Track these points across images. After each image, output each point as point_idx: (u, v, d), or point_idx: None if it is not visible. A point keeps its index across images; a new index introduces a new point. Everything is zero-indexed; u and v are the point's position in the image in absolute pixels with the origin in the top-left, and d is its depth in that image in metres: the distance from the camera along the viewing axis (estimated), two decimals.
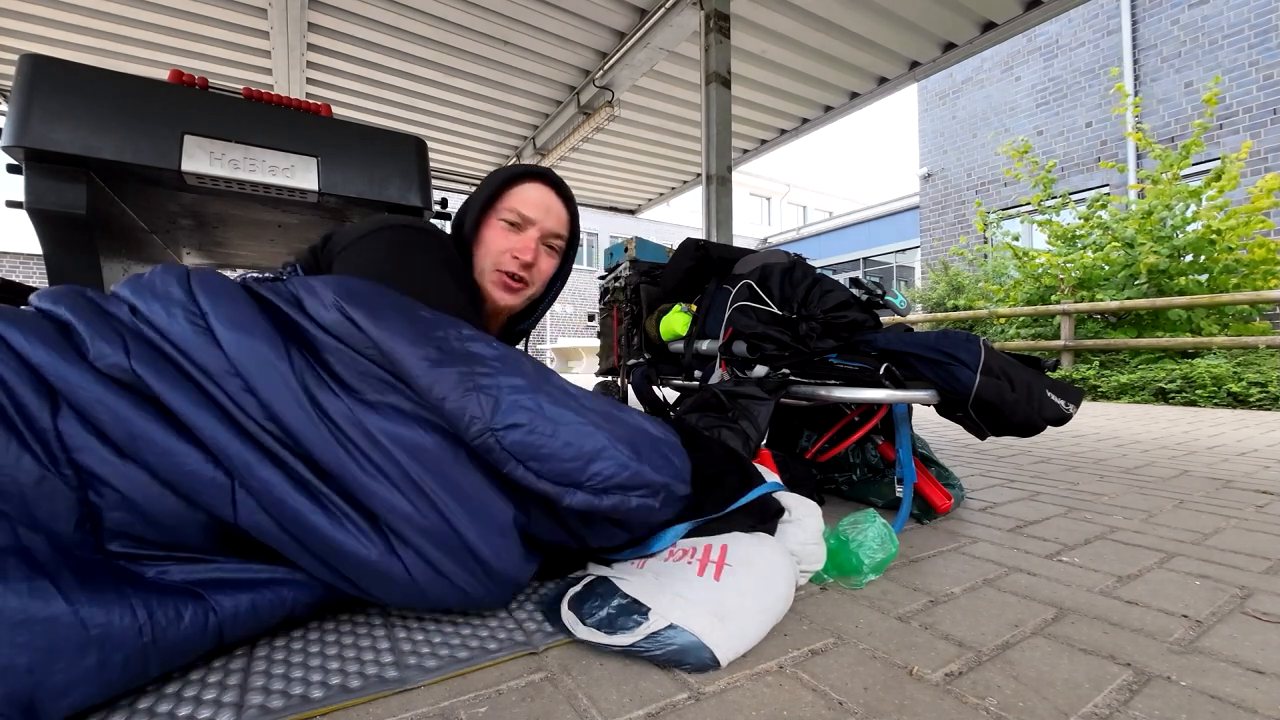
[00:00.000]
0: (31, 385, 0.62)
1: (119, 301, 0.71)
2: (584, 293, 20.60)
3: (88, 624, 0.56)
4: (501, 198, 0.92)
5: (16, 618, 0.53)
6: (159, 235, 2.29)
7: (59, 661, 0.54)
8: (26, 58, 1.47)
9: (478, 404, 0.73)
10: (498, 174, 0.94)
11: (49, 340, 0.64)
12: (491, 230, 0.92)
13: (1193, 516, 1.45)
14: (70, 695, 0.55)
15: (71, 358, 0.64)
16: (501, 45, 3.77)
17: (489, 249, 0.91)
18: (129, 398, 0.65)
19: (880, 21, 3.64)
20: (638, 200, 7.07)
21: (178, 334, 0.67)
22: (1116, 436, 2.99)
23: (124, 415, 0.63)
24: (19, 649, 0.53)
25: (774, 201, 26.05)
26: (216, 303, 0.70)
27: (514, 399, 0.75)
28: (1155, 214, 5.82)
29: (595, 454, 0.76)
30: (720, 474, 1.09)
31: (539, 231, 0.93)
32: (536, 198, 0.93)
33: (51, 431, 0.62)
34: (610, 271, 2.61)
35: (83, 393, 0.63)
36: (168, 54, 3.83)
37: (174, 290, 0.71)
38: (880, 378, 1.34)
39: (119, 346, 0.66)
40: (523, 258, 0.91)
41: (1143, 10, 7.91)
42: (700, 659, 0.71)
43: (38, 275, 12.48)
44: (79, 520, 0.62)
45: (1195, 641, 0.80)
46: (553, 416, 0.75)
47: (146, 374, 0.65)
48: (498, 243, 0.91)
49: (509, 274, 0.91)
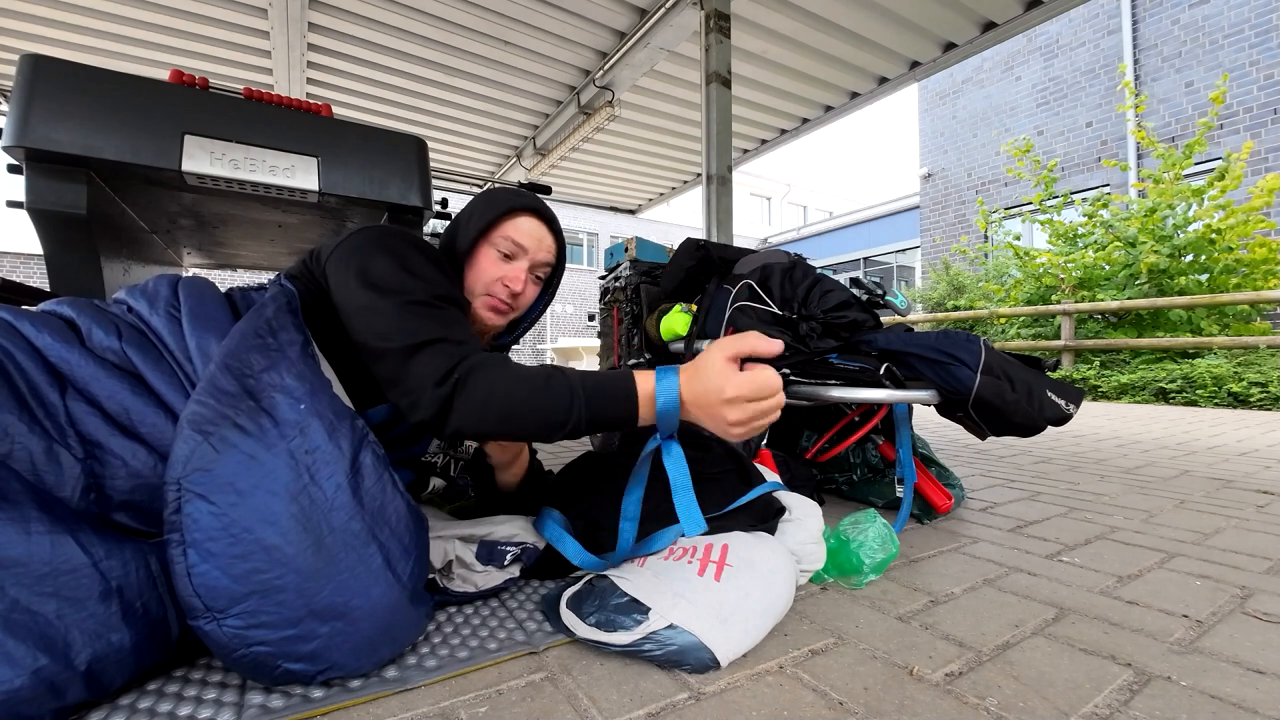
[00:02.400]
0: (41, 367, 0.69)
1: (118, 303, 0.81)
2: (584, 293, 20.59)
3: (107, 575, 0.61)
4: (498, 225, 0.96)
5: (42, 570, 0.57)
6: (159, 235, 2.29)
7: (84, 610, 0.58)
8: (27, 58, 1.47)
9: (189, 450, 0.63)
10: (496, 201, 0.98)
11: (54, 329, 0.71)
12: (485, 256, 0.96)
13: (1193, 516, 1.45)
14: (99, 642, 0.59)
15: (73, 343, 0.71)
16: (502, 45, 3.77)
17: (481, 274, 0.95)
18: (121, 376, 0.72)
19: (880, 21, 3.64)
20: (638, 200, 7.06)
21: (157, 324, 0.77)
22: (1117, 436, 2.99)
23: (117, 391, 0.70)
24: (45, 598, 0.57)
25: (774, 201, 26.04)
26: (188, 299, 0.79)
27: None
28: (1158, 212, 5.82)
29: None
30: (720, 473, 1.09)
31: (529, 262, 0.98)
32: (531, 230, 0.97)
33: (60, 407, 0.67)
34: (610, 271, 2.60)
35: (80, 370, 0.70)
36: (168, 54, 3.83)
37: (162, 290, 0.80)
38: (880, 378, 1.34)
39: (113, 333, 0.74)
40: (513, 287, 0.95)
41: (1143, 10, 7.91)
42: (700, 659, 0.71)
43: (38, 275, 12.48)
44: (85, 489, 0.66)
45: (1196, 641, 0.80)
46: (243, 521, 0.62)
47: (134, 355, 0.73)
48: (490, 270, 0.95)
49: (498, 300, 0.96)
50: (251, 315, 0.74)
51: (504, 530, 0.93)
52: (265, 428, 0.66)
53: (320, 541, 0.64)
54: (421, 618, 0.74)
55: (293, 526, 0.63)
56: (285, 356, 0.72)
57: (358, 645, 0.65)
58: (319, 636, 0.62)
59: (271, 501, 0.63)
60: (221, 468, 0.62)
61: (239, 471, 0.63)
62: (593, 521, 0.96)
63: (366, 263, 0.80)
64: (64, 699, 0.57)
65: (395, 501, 0.72)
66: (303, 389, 0.70)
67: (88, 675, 0.58)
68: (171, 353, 0.75)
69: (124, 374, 0.72)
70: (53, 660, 0.55)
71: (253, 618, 0.60)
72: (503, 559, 0.90)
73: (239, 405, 0.66)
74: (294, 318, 0.78)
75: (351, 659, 0.65)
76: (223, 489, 0.62)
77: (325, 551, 0.64)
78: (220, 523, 0.61)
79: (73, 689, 0.57)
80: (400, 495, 0.73)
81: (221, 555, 0.60)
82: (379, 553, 0.67)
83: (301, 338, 0.76)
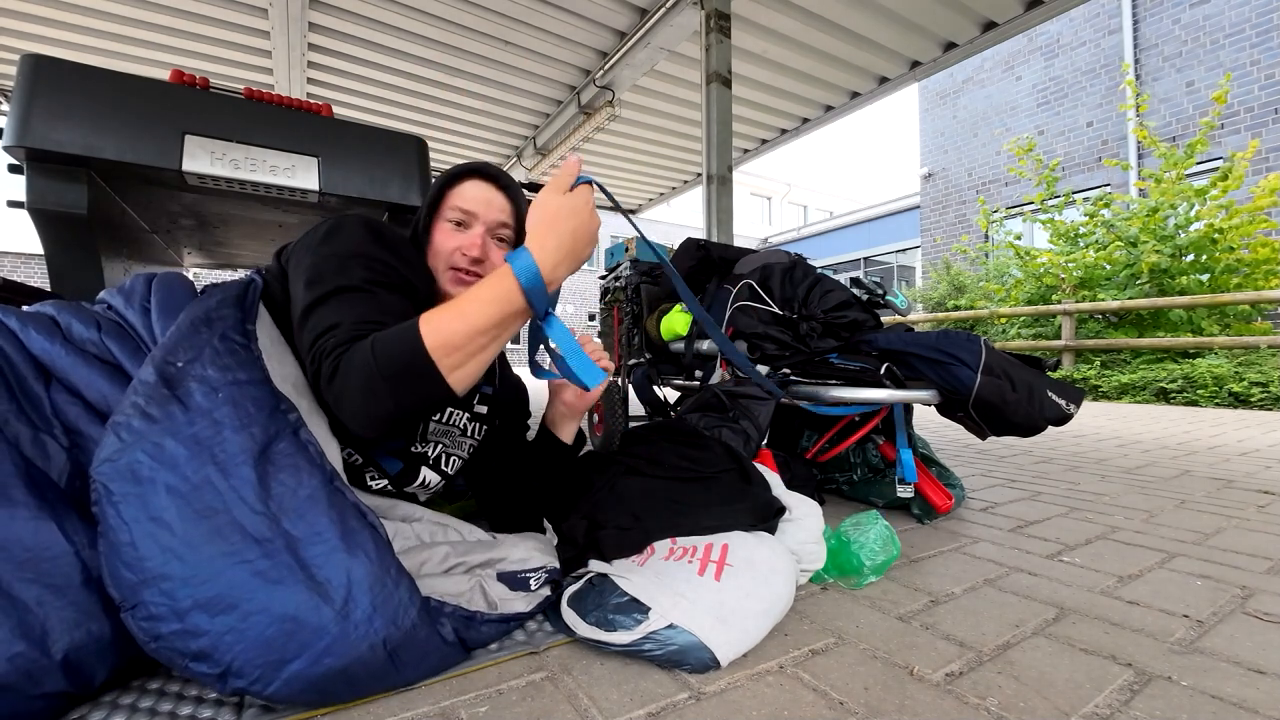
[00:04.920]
0: (27, 361, 0.72)
1: (99, 302, 0.85)
2: (585, 292, 20.58)
3: (89, 564, 0.61)
4: (445, 199, 0.96)
5: (23, 555, 0.58)
6: (160, 235, 2.29)
7: (64, 597, 0.59)
8: (28, 58, 1.47)
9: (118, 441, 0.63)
10: (441, 177, 0.98)
11: (39, 325, 0.75)
12: (440, 232, 0.95)
13: (1194, 516, 1.45)
14: (77, 631, 0.59)
15: (55, 336, 0.75)
16: (502, 45, 3.77)
17: (439, 250, 0.94)
18: (100, 365, 0.74)
19: (881, 21, 3.64)
20: (638, 200, 7.07)
21: (132, 317, 0.81)
22: (1118, 436, 2.98)
23: (96, 379, 0.73)
24: (27, 584, 0.57)
25: (774, 201, 26.04)
26: (158, 291, 0.83)
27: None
28: (1160, 212, 5.81)
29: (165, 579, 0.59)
30: (720, 473, 1.09)
31: (484, 225, 0.96)
32: (475, 193, 0.96)
33: (45, 398, 0.70)
34: (611, 271, 2.61)
35: (61, 361, 0.73)
36: (168, 54, 3.84)
37: (138, 286, 0.84)
38: (881, 378, 1.34)
39: (92, 326, 0.77)
40: (470, 253, 0.93)
41: (1144, 10, 7.90)
42: (700, 659, 0.71)
43: (38, 275, 12.49)
44: (70, 476, 0.67)
45: (1196, 641, 0.80)
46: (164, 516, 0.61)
47: (113, 345, 0.77)
48: (446, 242, 0.94)
49: (462, 270, 0.94)
50: (193, 306, 0.74)
51: (516, 554, 0.87)
52: (173, 414, 0.64)
53: (216, 532, 0.61)
54: (363, 635, 0.63)
55: (184, 514, 0.60)
56: (211, 347, 0.70)
57: (255, 645, 0.59)
58: (206, 633, 0.58)
59: (166, 490, 0.61)
60: (126, 457, 0.62)
61: (140, 460, 0.62)
62: (594, 521, 0.96)
63: (304, 264, 0.81)
64: (42, 686, 0.57)
65: (318, 495, 0.66)
66: (223, 379, 0.68)
67: (65, 664, 0.58)
68: (146, 344, 0.78)
69: (103, 364, 0.75)
70: (29, 647, 0.56)
71: (145, 609, 0.58)
72: (527, 584, 0.84)
73: (152, 394, 0.65)
74: (236, 310, 0.76)
75: (253, 663, 0.59)
76: (123, 478, 0.61)
77: (218, 542, 0.60)
78: (119, 512, 0.60)
79: (50, 678, 0.57)
80: (331, 490, 0.67)
81: (121, 545, 0.59)
82: (283, 547, 0.62)
83: (238, 328, 0.74)
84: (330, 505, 0.66)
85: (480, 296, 0.71)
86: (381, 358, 0.68)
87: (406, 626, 0.65)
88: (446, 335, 0.69)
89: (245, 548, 0.61)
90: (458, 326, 0.69)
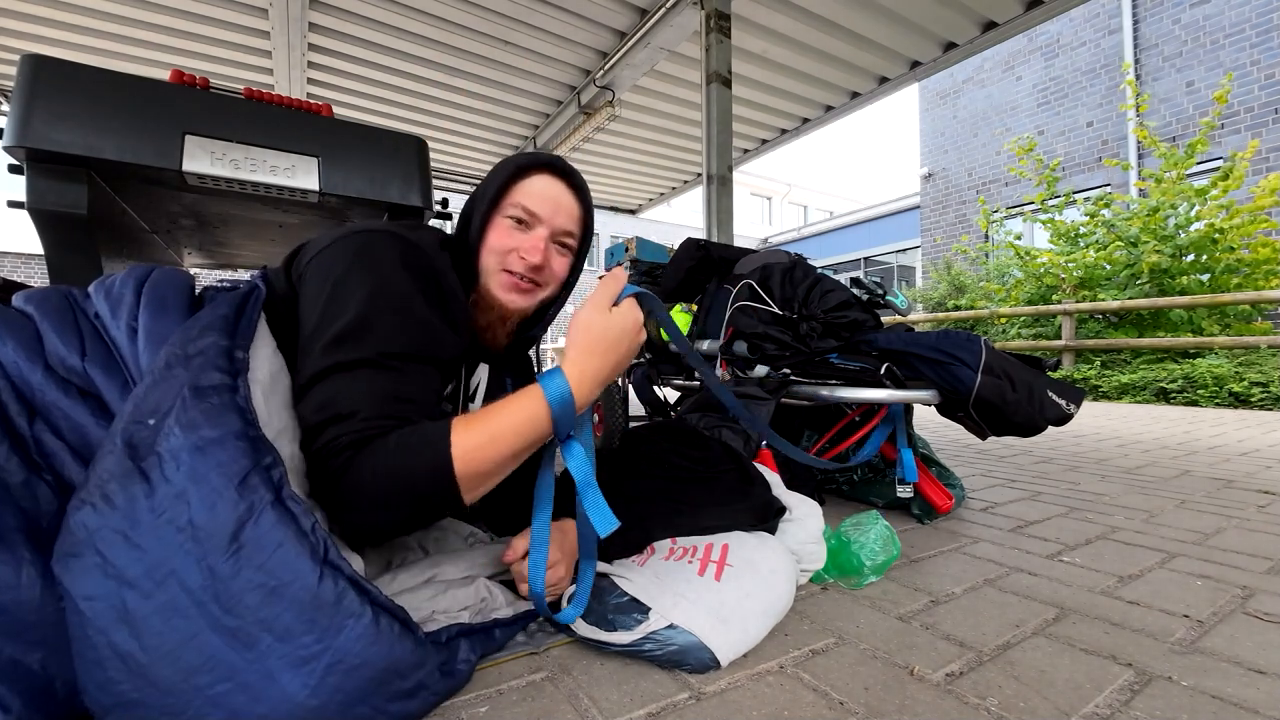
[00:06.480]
0: (10, 393, 0.62)
1: (88, 298, 0.72)
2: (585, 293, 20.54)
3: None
4: (508, 192, 0.84)
5: (31, 618, 0.52)
6: (160, 235, 2.29)
7: (66, 655, 0.53)
8: (28, 58, 1.47)
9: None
10: (505, 165, 0.85)
11: (19, 340, 0.64)
12: (497, 230, 0.84)
13: (1194, 516, 1.45)
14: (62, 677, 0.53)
15: (35, 360, 0.64)
16: (502, 45, 3.77)
17: (493, 248, 0.83)
18: (82, 400, 0.64)
19: (881, 21, 3.64)
20: (638, 200, 7.06)
21: (118, 336, 0.68)
22: (1118, 436, 2.98)
23: (78, 422, 0.63)
24: (32, 646, 0.52)
25: (775, 201, 26.03)
26: (147, 308, 0.69)
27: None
28: (1160, 212, 5.81)
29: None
30: (720, 473, 1.09)
31: (548, 229, 0.84)
32: (545, 190, 0.84)
33: (30, 438, 0.61)
34: None
35: (43, 395, 0.63)
36: (168, 54, 3.83)
37: (126, 296, 0.70)
38: (881, 378, 1.34)
39: (74, 349, 0.66)
40: (530, 259, 0.82)
41: (1144, 10, 7.90)
42: (700, 659, 0.71)
43: (39, 275, 12.49)
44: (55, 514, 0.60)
45: (1196, 642, 0.80)
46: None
47: (96, 375, 0.65)
48: (504, 241, 0.83)
49: (518, 275, 0.84)
50: (175, 336, 0.64)
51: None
52: (134, 498, 0.53)
53: (189, 641, 0.51)
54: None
55: (153, 626, 0.51)
56: (181, 396, 0.58)
57: None
58: None
59: (130, 595, 0.51)
60: (85, 557, 0.52)
61: (97, 563, 0.52)
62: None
63: (322, 295, 0.71)
64: None
65: (302, 577, 0.54)
66: (186, 441, 0.56)
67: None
68: (132, 376, 0.66)
69: (86, 397, 0.64)
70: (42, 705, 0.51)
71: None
72: None
73: (114, 469, 0.55)
74: (222, 336, 0.64)
75: None
76: (85, 582, 0.51)
77: (192, 655, 0.51)
78: (83, 622, 0.51)
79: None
80: (318, 567, 0.56)
81: (83, 658, 0.51)
82: (258, 658, 0.52)
83: (220, 360, 0.62)
84: (316, 605, 0.55)
85: (514, 423, 0.66)
86: (402, 473, 0.62)
87: (442, 691, 0.64)
88: (478, 464, 0.64)
89: (228, 660, 0.52)
90: (490, 454, 0.65)
